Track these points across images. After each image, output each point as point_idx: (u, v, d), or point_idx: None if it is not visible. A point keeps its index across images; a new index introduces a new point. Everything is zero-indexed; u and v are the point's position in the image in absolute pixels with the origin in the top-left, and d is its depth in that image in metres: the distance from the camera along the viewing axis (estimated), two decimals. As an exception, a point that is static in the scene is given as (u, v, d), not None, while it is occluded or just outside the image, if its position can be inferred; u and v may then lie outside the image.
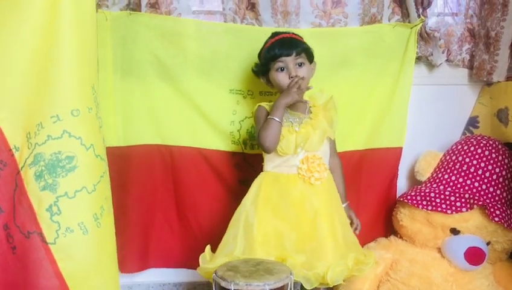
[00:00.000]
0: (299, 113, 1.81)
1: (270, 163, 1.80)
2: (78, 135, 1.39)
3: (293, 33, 1.85)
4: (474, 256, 1.90)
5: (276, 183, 1.77)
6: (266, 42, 1.84)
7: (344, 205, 1.88)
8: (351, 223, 1.88)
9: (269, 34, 2.03)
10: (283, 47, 1.76)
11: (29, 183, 1.35)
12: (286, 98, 1.73)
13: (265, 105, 1.82)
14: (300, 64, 1.78)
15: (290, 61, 1.76)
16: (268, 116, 1.73)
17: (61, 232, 1.35)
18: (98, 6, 1.98)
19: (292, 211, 1.72)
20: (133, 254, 2.15)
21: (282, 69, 1.77)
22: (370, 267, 1.77)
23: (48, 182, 1.34)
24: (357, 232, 1.87)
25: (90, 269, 1.42)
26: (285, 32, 1.85)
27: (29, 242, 1.34)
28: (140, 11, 2.01)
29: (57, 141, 1.36)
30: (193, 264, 2.15)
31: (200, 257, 1.77)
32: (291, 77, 1.75)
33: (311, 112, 1.83)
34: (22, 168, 1.37)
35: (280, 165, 1.78)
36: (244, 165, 2.14)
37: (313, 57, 1.84)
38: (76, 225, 1.38)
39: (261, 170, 1.83)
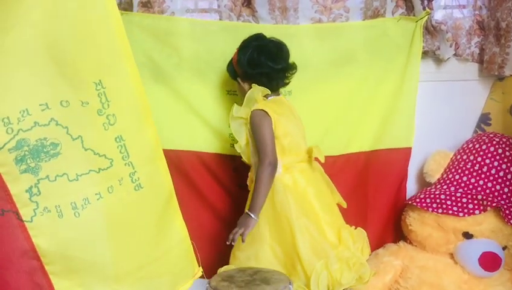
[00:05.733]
0: None
1: None
2: (65, 124, 1.42)
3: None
4: (490, 262, 1.83)
5: None
6: None
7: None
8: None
9: (267, 31, 1.98)
10: None
11: (5, 166, 1.36)
12: None
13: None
14: None
15: None
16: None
17: (38, 211, 1.41)
18: (88, 6, 1.94)
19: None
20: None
21: None
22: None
23: (30, 166, 1.39)
24: (228, 242, 1.68)
25: (62, 251, 1.45)
26: None
27: (3, 219, 1.39)
28: (132, 10, 1.97)
29: (43, 128, 1.39)
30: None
31: None
32: None
33: None
34: None
35: None
36: (244, 169, 2.05)
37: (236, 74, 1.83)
38: (54, 206, 1.43)
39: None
